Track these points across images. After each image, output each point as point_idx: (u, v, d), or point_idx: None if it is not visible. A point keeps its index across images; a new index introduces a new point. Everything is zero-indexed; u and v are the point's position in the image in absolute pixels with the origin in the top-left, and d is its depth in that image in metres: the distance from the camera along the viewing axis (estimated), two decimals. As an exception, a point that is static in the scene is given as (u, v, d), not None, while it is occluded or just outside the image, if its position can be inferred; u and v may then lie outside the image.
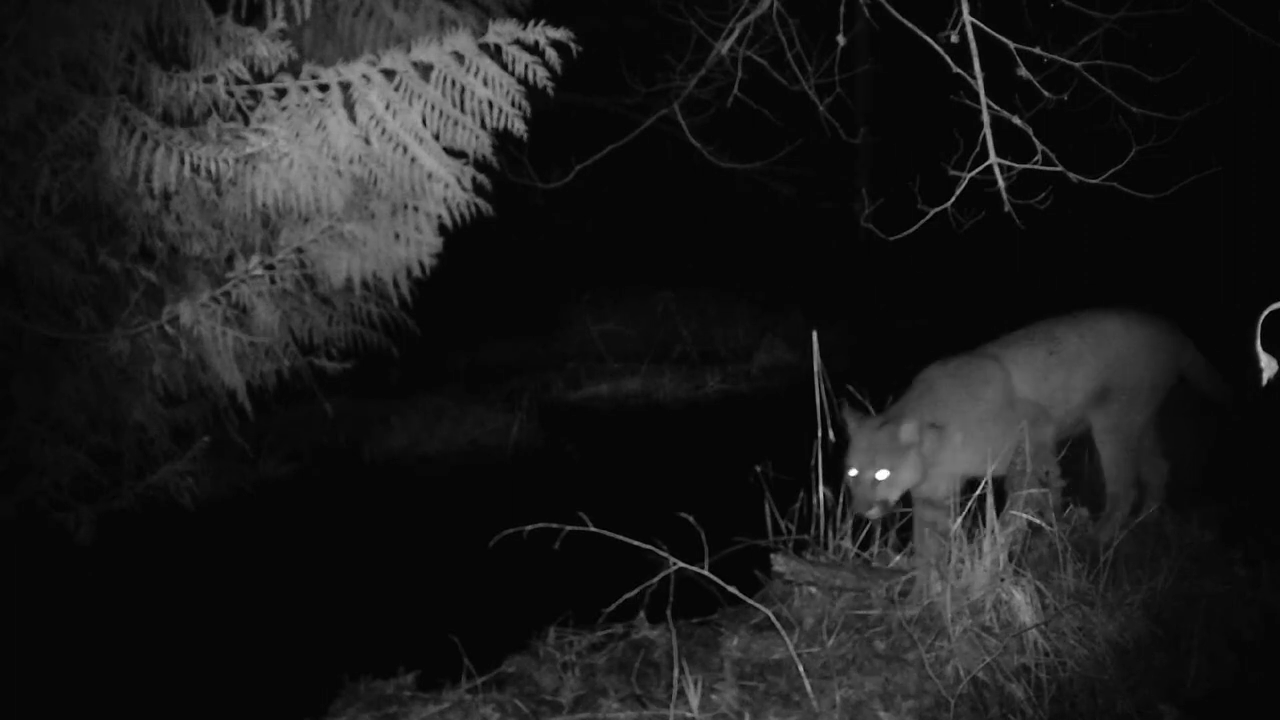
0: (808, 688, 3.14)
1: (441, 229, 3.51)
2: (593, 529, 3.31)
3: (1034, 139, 3.93)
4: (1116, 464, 4.12)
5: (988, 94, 3.89)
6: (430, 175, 3.28)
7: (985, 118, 3.91)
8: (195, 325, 3.36)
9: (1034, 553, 3.73)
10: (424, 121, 3.21)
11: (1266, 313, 2.33)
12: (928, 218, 4.15)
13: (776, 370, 9.13)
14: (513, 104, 3.21)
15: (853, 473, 3.68)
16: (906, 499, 3.91)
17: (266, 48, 3.06)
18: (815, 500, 3.91)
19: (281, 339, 3.78)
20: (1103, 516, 4.13)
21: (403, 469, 6.78)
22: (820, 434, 4.05)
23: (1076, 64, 4.10)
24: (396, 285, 3.62)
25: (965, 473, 3.85)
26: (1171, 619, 3.53)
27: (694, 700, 3.14)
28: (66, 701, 3.66)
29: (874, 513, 3.68)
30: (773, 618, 3.32)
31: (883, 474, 3.62)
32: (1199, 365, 4.24)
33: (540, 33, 3.10)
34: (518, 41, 3.13)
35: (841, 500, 3.80)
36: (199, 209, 3.33)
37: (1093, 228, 8.34)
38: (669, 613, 3.33)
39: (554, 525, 3.28)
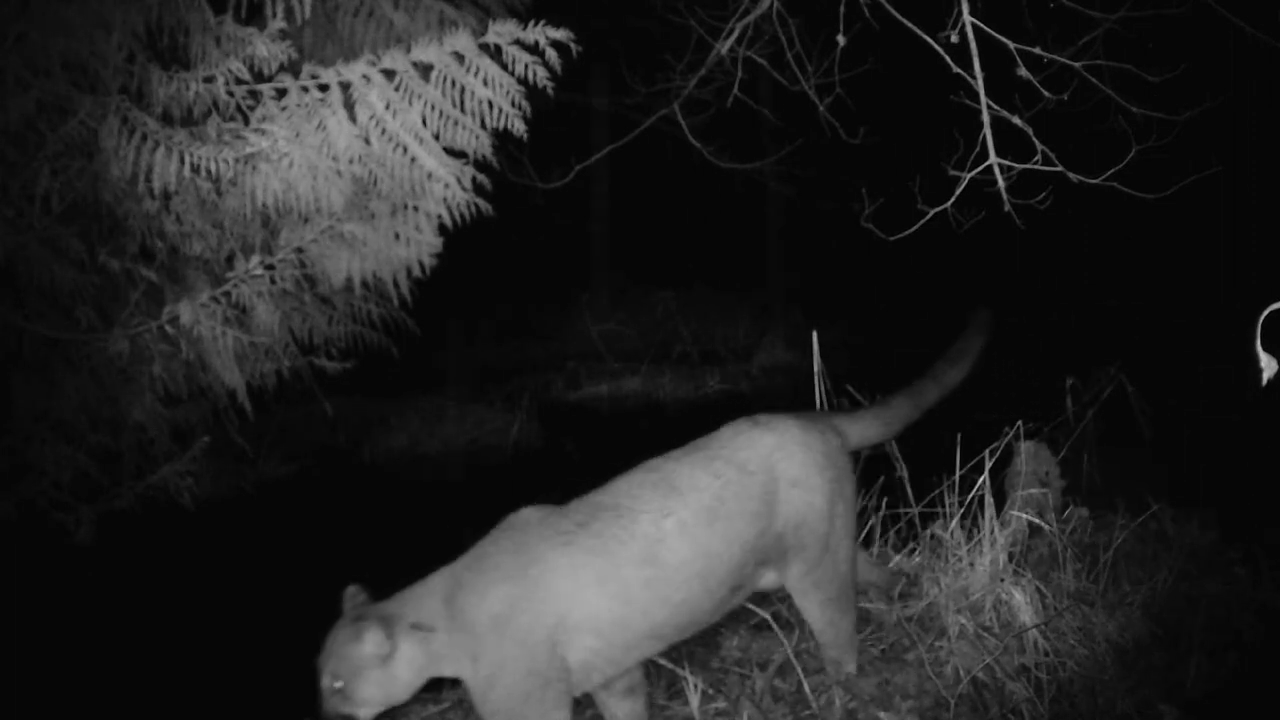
0: (806, 689, 3.14)
1: (441, 229, 3.51)
2: None
3: (1034, 139, 3.93)
4: (830, 622, 3.04)
5: (988, 94, 3.89)
6: (430, 175, 3.28)
7: (985, 118, 3.91)
8: (195, 325, 3.36)
9: (1034, 553, 3.73)
10: (424, 121, 3.21)
11: (1266, 313, 2.34)
12: (928, 218, 4.15)
13: (776, 370, 9.14)
14: (513, 104, 3.21)
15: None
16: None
17: (266, 48, 3.06)
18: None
19: (281, 339, 3.77)
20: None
21: (403, 469, 6.78)
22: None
23: (1076, 64, 4.10)
24: (396, 285, 3.62)
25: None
26: (1171, 619, 3.53)
27: (694, 700, 3.14)
28: (67, 701, 3.66)
29: None
30: (771, 620, 3.32)
31: (339, 684, 2.56)
32: (867, 427, 3.18)
33: (540, 33, 3.10)
34: (518, 41, 3.13)
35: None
36: (199, 209, 3.32)
37: (1093, 228, 8.35)
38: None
39: None
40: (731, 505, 2.75)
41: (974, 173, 3.96)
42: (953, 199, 4.11)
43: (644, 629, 2.66)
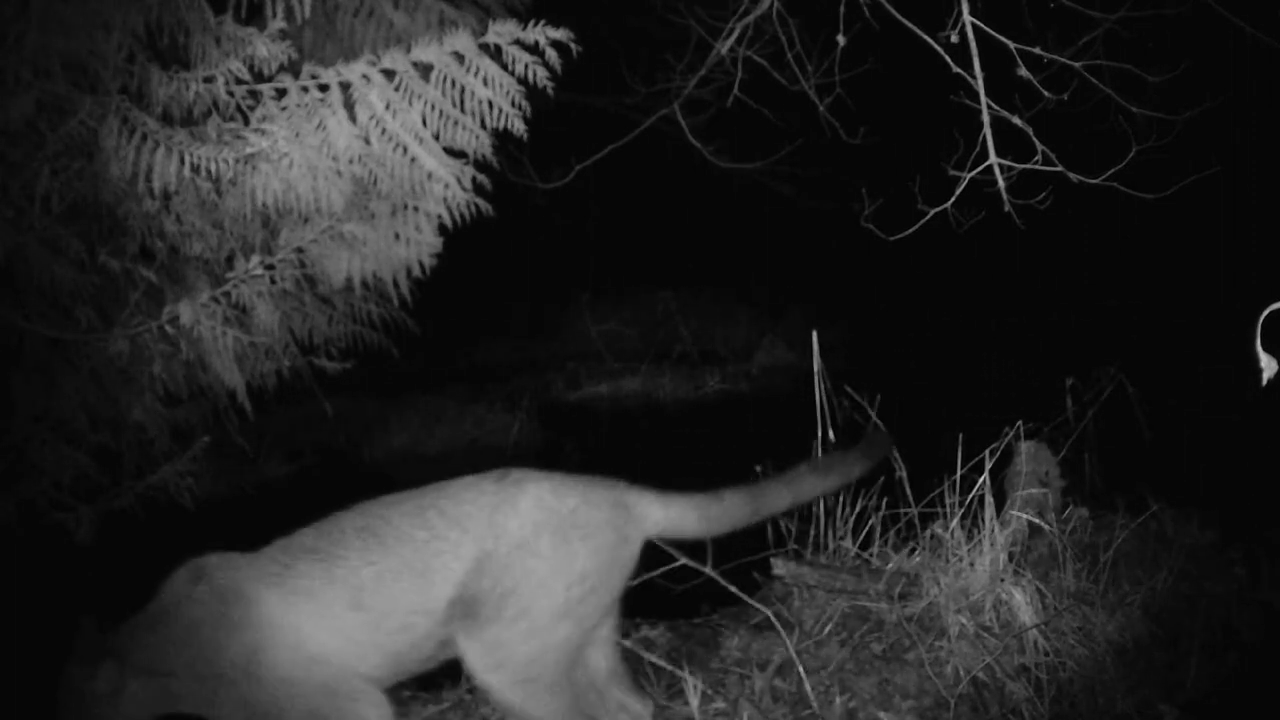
0: (807, 688, 3.14)
1: (441, 229, 3.51)
2: None
3: (1034, 139, 3.94)
4: (525, 711, 2.55)
5: (988, 94, 3.89)
6: (430, 175, 3.28)
7: (985, 118, 3.92)
8: (195, 325, 3.36)
9: (1034, 553, 3.73)
10: (424, 121, 3.21)
11: (1266, 313, 2.34)
12: (928, 218, 4.16)
13: (776, 370, 9.15)
14: (513, 104, 3.21)
15: None
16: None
17: (266, 48, 3.06)
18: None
19: (281, 339, 3.78)
20: None
21: (403, 469, 6.78)
22: (820, 434, 4.05)
23: (1076, 64, 4.11)
24: (396, 285, 3.62)
25: None
26: (1171, 619, 3.53)
27: (694, 700, 3.14)
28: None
29: None
30: (773, 618, 3.32)
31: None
32: (681, 515, 2.71)
33: (540, 33, 3.10)
34: (518, 41, 3.12)
35: None
36: (199, 209, 3.33)
37: (1093, 228, 8.35)
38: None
39: None
40: (436, 562, 2.48)
41: (974, 173, 3.96)
42: (953, 199, 4.11)
43: (362, 671, 2.50)
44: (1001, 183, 3.97)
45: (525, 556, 2.48)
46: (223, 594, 2.49)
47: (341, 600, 2.46)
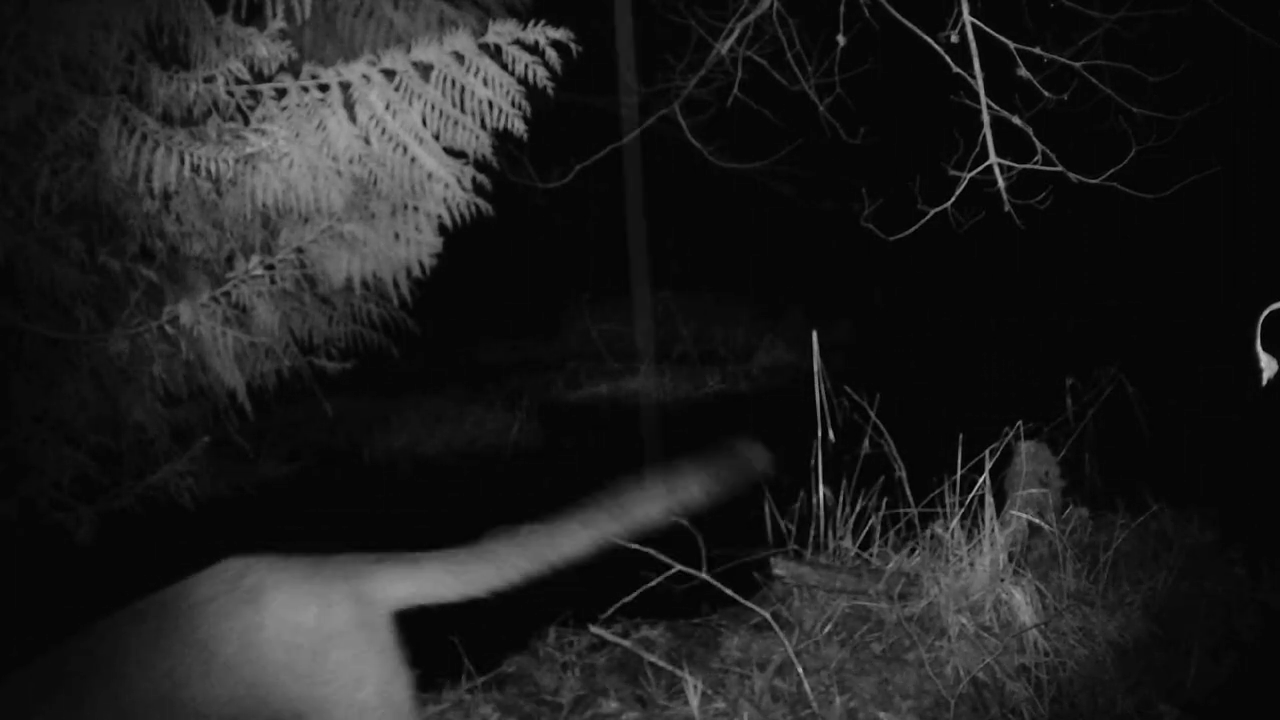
0: (807, 688, 3.14)
1: (441, 229, 3.51)
2: None
3: (1034, 139, 3.94)
4: None
5: (988, 94, 3.89)
6: (430, 175, 3.28)
7: (985, 118, 3.92)
8: (195, 325, 3.35)
9: (1034, 553, 3.73)
10: (424, 121, 3.21)
11: (1266, 313, 2.34)
12: (928, 218, 4.16)
13: (776, 370, 9.15)
14: (513, 104, 3.21)
15: None
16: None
17: (266, 48, 3.06)
18: (815, 500, 3.92)
19: (281, 339, 3.77)
20: None
21: (402, 469, 6.78)
22: (820, 434, 4.06)
23: (1076, 64, 4.11)
24: (396, 285, 3.62)
25: None
26: (1171, 619, 3.53)
27: (694, 700, 3.14)
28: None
29: None
30: (771, 620, 3.32)
31: None
32: (433, 583, 2.47)
33: (540, 33, 3.09)
34: (518, 41, 3.12)
35: None
36: (199, 209, 3.32)
37: (1093, 228, 8.36)
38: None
39: None
40: (185, 694, 2.22)
41: (974, 173, 3.97)
42: (953, 199, 4.11)
43: None
44: (1001, 183, 3.97)
45: (293, 681, 2.27)
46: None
47: None
